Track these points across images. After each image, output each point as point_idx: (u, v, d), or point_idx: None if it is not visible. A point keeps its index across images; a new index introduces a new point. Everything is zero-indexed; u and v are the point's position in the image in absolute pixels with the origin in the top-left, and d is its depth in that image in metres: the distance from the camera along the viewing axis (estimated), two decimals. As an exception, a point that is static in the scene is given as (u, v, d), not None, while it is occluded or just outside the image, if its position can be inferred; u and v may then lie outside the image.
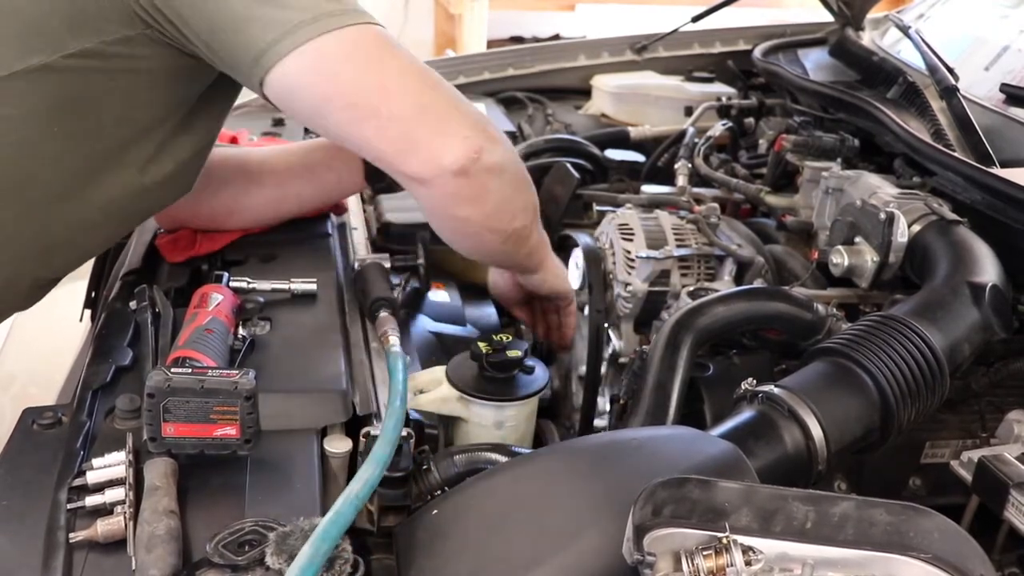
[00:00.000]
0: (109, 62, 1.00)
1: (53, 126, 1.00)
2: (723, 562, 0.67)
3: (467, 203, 1.05)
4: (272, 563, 0.73)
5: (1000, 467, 0.97)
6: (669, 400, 1.08)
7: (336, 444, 0.95)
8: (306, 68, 0.97)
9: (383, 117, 0.99)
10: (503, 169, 1.05)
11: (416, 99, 1.00)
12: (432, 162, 0.99)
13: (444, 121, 1.01)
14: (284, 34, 0.96)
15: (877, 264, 1.24)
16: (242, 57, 0.98)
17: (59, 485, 0.87)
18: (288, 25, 0.96)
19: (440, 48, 4.70)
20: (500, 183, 1.05)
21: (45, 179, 1.03)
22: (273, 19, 0.96)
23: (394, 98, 0.99)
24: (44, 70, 0.97)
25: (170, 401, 0.87)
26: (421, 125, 1.00)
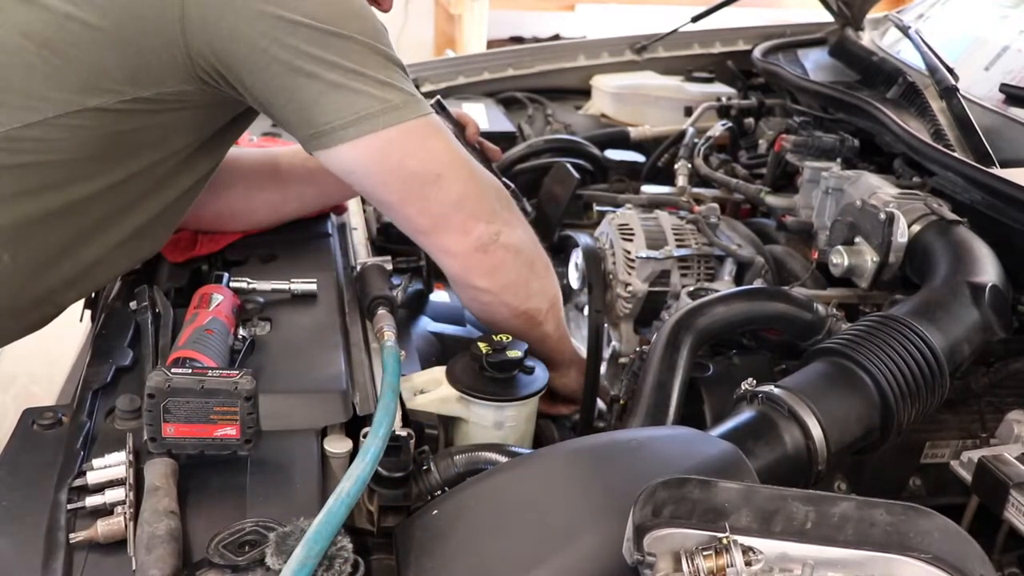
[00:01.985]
0: (160, 105, 1.04)
1: (98, 155, 1.04)
2: (723, 562, 0.67)
3: (483, 275, 1.16)
4: (272, 563, 0.73)
5: (1000, 467, 0.97)
6: (669, 400, 1.08)
7: (336, 444, 0.95)
8: (367, 156, 1.06)
9: (429, 201, 1.11)
10: (520, 249, 1.18)
11: (461, 189, 1.12)
12: (461, 239, 1.13)
13: (478, 206, 1.13)
14: (349, 123, 1.03)
15: (877, 264, 1.24)
16: (301, 129, 1.06)
17: (59, 485, 0.87)
18: (353, 116, 1.03)
19: (440, 48, 4.70)
20: (516, 262, 1.17)
21: (89, 206, 1.07)
22: (340, 106, 1.02)
23: (444, 188, 1.10)
24: (98, 111, 1.01)
25: (170, 401, 0.87)
26: (459, 211, 1.12)
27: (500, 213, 1.16)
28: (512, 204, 1.21)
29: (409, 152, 1.08)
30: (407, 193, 1.11)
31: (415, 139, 1.08)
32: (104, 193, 1.07)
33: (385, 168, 1.08)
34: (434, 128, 1.11)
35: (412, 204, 1.12)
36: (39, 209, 1.03)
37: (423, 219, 1.13)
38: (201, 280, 1.24)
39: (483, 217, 1.13)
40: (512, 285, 1.19)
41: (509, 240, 1.15)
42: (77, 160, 1.03)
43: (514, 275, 1.18)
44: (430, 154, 1.10)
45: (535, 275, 1.22)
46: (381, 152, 1.06)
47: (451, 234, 1.13)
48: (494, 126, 1.99)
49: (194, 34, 0.99)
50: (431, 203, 1.11)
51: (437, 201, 1.11)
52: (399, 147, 1.07)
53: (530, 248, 1.21)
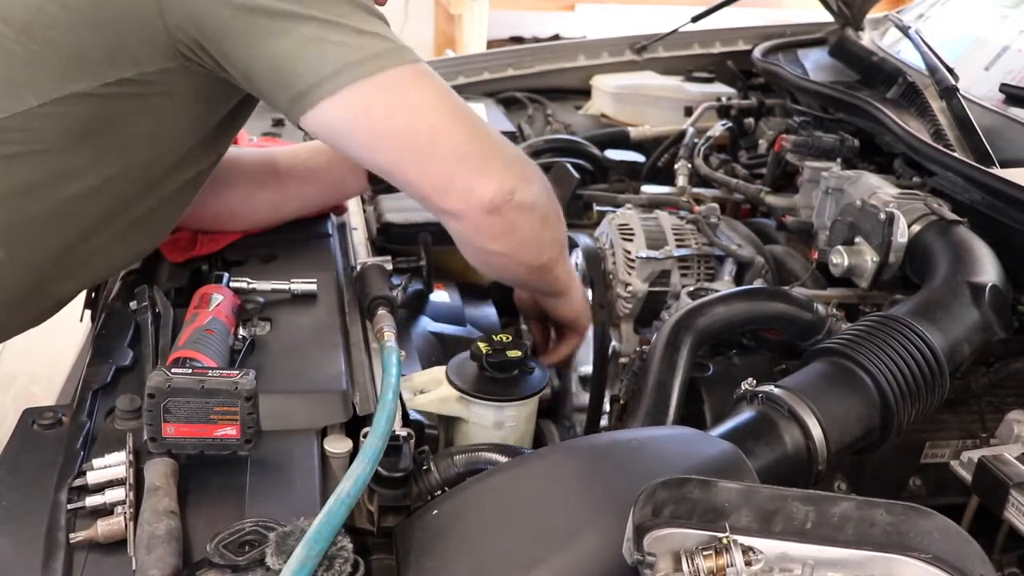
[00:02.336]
0: (145, 88, 1.01)
1: (85, 146, 1.02)
2: (723, 562, 0.67)
3: (496, 238, 1.08)
4: (272, 563, 0.73)
5: (1000, 467, 0.97)
6: (669, 400, 1.08)
7: (336, 444, 0.95)
8: (349, 113, 0.99)
9: (427, 159, 1.02)
10: (534, 207, 1.08)
11: (460, 142, 1.03)
12: (467, 200, 1.03)
13: (483, 163, 1.04)
14: (326, 77, 0.97)
15: (877, 264, 1.24)
16: (280, 95, 1.00)
17: (59, 485, 0.87)
18: (330, 69, 0.97)
19: (440, 48, 4.70)
20: (530, 220, 1.09)
21: (85, 201, 1.05)
22: (318, 60, 0.97)
23: (440, 142, 1.02)
24: (82, 97, 0.99)
25: (170, 401, 0.87)
26: (462, 167, 1.03)
27: (512, 167, 1.06)
28: (524, 156, 1.14)
29: (396, 104, 1.00)
30: (401, 153, 1.02)
31: (401, 89, 1.00)
32: (99, 188, 1.05)
33: (371, 125, 1.00)
34: (423, 75, 1.02)
35: (409, 165, 1.03)
36: (35, 205, 1.02)
37: (424, 182, 1.04)
38: (201, 280, 1.24)
39: (493, 174, 1.04)
40: (527, 243, 1.12)
41: (524, 198, 1.06)
42: (66, 151, 1.01)
43: (529, 234, 1.10)
44: (421, 105, 1.01)
45: (549, 228, 1.15)
46: (364, 106, 0.99)
47: (456, 196, 1.03)
48: (494, 126, 1.99)
49: (171, 7, 0.96)
50: (429, 162, 1.02)
51: (437, 159, 1.02)
52: (383, 99, 0.99)
53: (545, 202, 1.13)
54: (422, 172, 1.03)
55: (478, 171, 1.03)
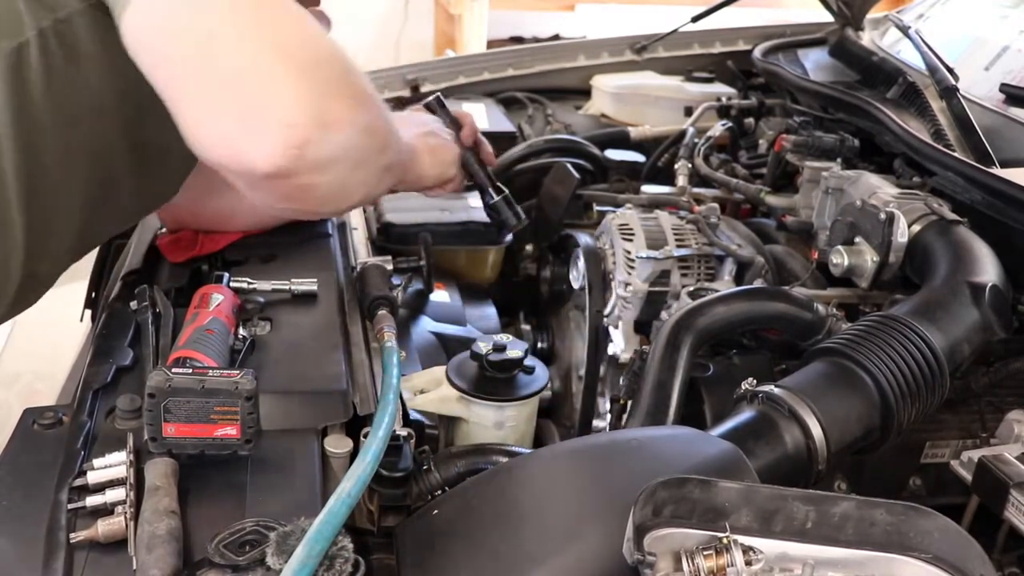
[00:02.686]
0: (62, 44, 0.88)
1: (45, 116, 0.90)
2: (723, 562, 0.67)
3: (285, 199, 0.86)
4: (273, 563, 0.74)
5: (1000, 467, 0.98)
6: (669, 400, 1.08)
7: (336, 444, 0.95)
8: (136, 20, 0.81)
9: (194, 82, 0.79)
10: (339, 159, 0.83)
11: (237, 61, 0.77)
12: (236, 160, 0.79)
13: (263, 96, 0.77)
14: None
15: (877, 264, 1.24)
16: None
17: (60, 485, 0.87)
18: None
19: (440, 48, 4.70)
20: (332, 174, 0.84)
21: (60, 178, 0.95)
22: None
23: (216, 58, 0.77)
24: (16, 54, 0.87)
25: (171, 401, 0.87)
26: (233, 103, 0.78)
27: (312, 103, 0.79)
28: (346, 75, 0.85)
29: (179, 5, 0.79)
30: (171, 71, 0.80)
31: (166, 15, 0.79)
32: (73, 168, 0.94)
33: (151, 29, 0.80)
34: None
35: (173, 90, 0.80)
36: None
37: (183, 116, 0.79)
38: (201, 280, 1.24)
39: (275, 116, 0.77)
40: (329, 196, 0.87)
41: (319, 153, 0.80)
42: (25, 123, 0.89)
43: (332, 186, 0.85)
44: (208, 6, 0.78)
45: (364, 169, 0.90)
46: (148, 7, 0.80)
47: (221, 151, 0.79)
48: (494, 126, 1.99)
49: None
50: (199, 85, 0.78)
51: (206, 82, 0.78)
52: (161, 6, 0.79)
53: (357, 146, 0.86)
54: (183, 101, 0.80)
55: (256, 105, 0.78)
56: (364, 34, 4.80)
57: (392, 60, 3.05)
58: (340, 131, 0.82)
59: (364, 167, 0.89)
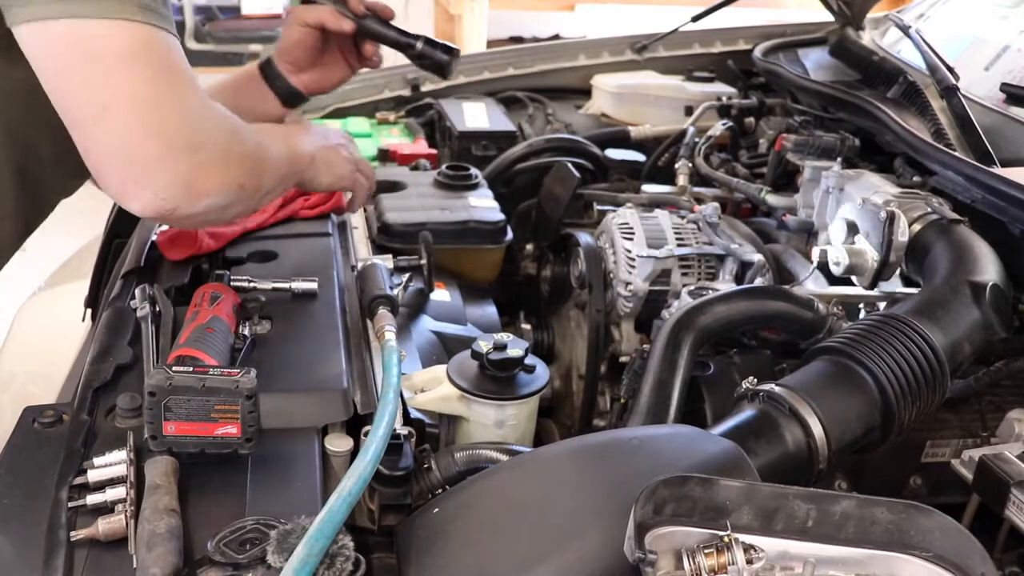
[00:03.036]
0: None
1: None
2: (724, 560, 0.67)
3: (171, 223, 1.04)
4: (273, 561, 0.73)
5: (1001, 466, 0.97)
6: (670, 399, 1.08)
7: (337, 443, 0.95)
8: (37, 47, 0.88)
9: (90, 137, 0.90)
10: (210, 210, 0.96)
11: (127, 133, 0.88)
12: (122, 199, 0.93)
13: (144, 169, 0.90)
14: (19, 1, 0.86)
15: (878, 263, 1.24)
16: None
17: (60, 484, 0.87)
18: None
19: (440, 48, 4.70)
20: (205, 217, 0.98)
21: None
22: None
23: (103, 123, 0.88)
24: None
25: (171, 400, 0.87)
26: (120, 162, 0.90)
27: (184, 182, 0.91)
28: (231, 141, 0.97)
29: (77, 61, 0.86)
30: (70, 113, 0.90)
31: (90, 44, 0.86)
32: None
33: (52, 68, 0.88)
34: (137, 46, 0.88)
35: (75, 130, 0.90)
36: None
37: (86, 154, 0.91)
38: (202, 278, 1.24)
39: (151, 187, 0.90)
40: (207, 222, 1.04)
41: (191, 211, 0.93)
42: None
43: (206, 218, 0.99)
44: (102, 71, 0.86)
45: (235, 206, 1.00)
46: (48, 45, 0.87)
47: (113, 189, 0.92)
48: (494, 125, 1.99)
49: None
50: (91, 141, 0.90)
51: (97, 142, 0.89)
52: (66, 52, 0.86)
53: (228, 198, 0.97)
54: (84, 146, 0.91)
55: (134, 175, 0.90)
56: (364, 34, 4.79)
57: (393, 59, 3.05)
58: (207, 197, 0.95)
59: (237, 205, 1.01)
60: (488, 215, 1.57)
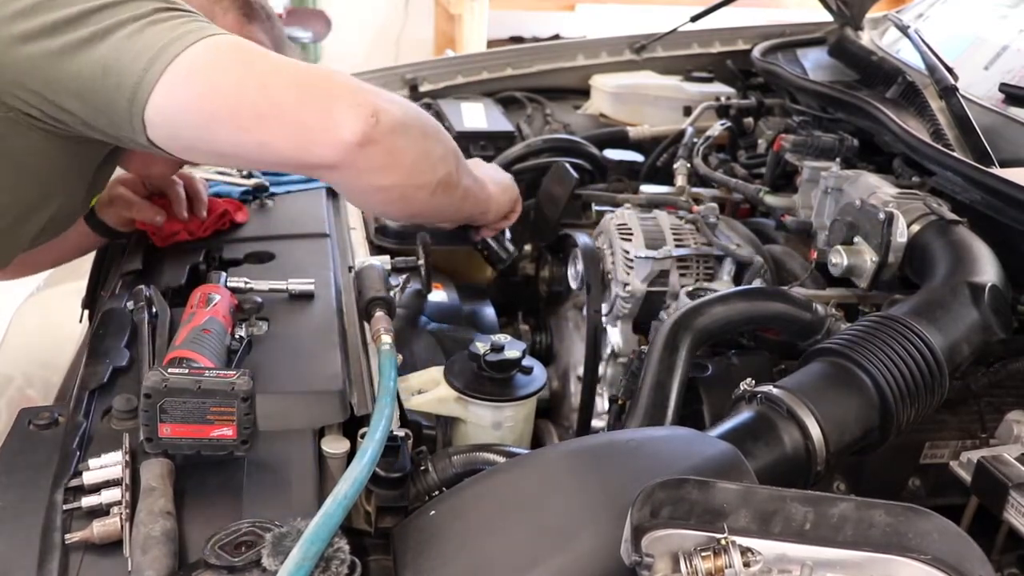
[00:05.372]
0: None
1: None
2: (721, 563, 0.67)
3: (384, 169, 1.01)
4: (269, 564, 0.73)
5: (999, 468, 0.97)
6: (667, 400, 1.07)
7: (333, 444, 0.95)
8: (181, 87, 0.95)
9: (269, 115, 0.95)
10: (407, 125, 1.02)
11: (294, 85, 0.97)
12: (333, 143, 0.96)
13: (329, 97, 0.97)
14: (151, 60, 0.94)
15: (876, 264, 1.24)
16: (119, 103, 0.95)
17: (55, 486, 0.87)
18: (153, 50, 0.94)
19: (440, 48, 4.70)
20: (408, 139, 1.02)
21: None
22: (138, 51, 0.94)
23: (273, 90, 0.96)
24: None
25: (167, 402, 0.87)
26: (308, 109, 0.96)
27: (361, 93, 0.98)
28: (371, 86, 1.03)
29: (220, 66, 0.96)
30: (241, 117, 0.96)
31: (224, 53, 0.96)
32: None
33: (202, 94, 0.95)
34: (245, 43, 0.99)
35: (253, 132, 0.96)
36: None
37: (279, 144, 0.96)
38: (199, 279, 1.24)
39: (346, 106, 0.96)
40: (418, 163, 1.04)
41: (391, 117, 0.98)
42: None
43: (415, 152, 1.04)
44: (246, 63, 0.97)
45: (431, 141, 1.07)
46: (190, 77, 0.94)
47: (319, 142, 0.96)
48: (493, 125, 1.99)
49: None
50: (274, 120, 0.95)
51: (279, 114, 0.96)
52: (207, 65, 0.95)
53: (416, 115, 1.06)
54: (270, 134, 0.96)
55: (328, 110, 0.96)
56: (364, 34, 4.80)
57: (392, 60, 3.06)
58: (395, 103, 1.01)
59: (431, 136, 1.07)
60: (486, 216, 1.56)
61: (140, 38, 0.95)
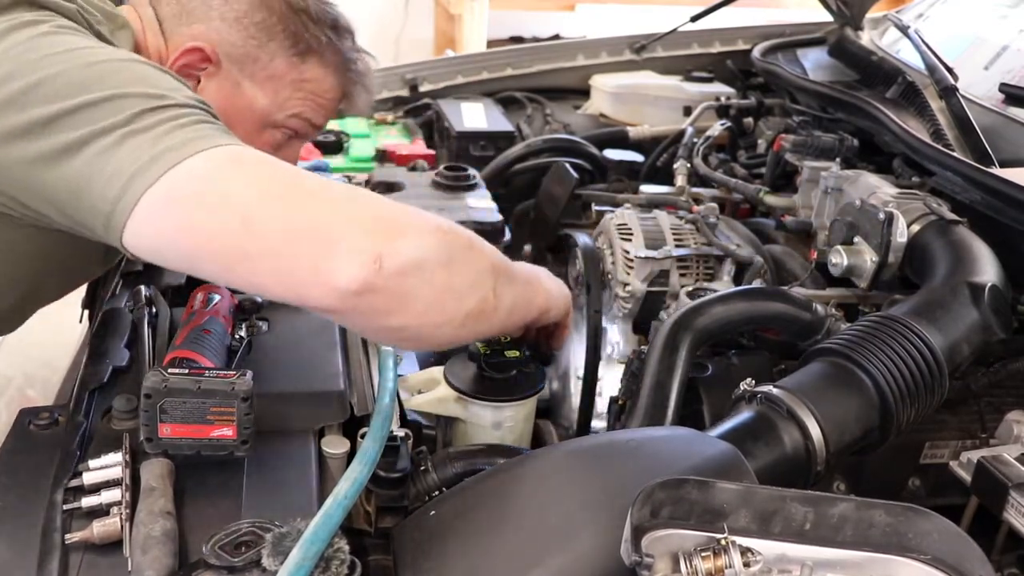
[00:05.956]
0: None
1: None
2: (721, 563, 0.67)
3: (390, 314, 0.85)
4: (269, 564, 0.73)
5: (999, 468, 0.97)
6: (668, 401, 1.07)
7: (333, 445, 0.95)
8: (158, 219, 0.84)
9: (255, 256, 0.83)
10: (421, 262, 0.84)
11: (283, 223, 0.83)
12: (326, 291, 0.82)
13: (324, 240, 0.82)
14: (123, 188, 0.83)
15: (876, 264, 1.24)
16: (95, 225, 0.86)
17: (55, 486, 0.87)
18: (125, 176, 0.83)
19: (440, 48, 4.70)
20: (422, 278, 0.85)
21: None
22: (110, 175, 0.83)
23: (259, 229, 0.82)
24: None
25: (167, 402, 0.87)
26: (297, 253, 0.82)
27: (369, 226, 0.83)
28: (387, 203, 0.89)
29: (196, 202, 0.83)
30: (224, 259, 0.84)
31: (203, 183, 0.83)
32: None
33: (179, 235, 0.83)
34: (232, 161, 0.85)
35: (241, 269, 0.84)
36: None
37: (269, 282, 0.84)
38: (199, 279, 1.24)
39: (343, 247, 0.81)
40: (436, 301, 0.87)
41: (400, 259, 0.82)
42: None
43: (431, 289, 0.86)
44: (227, 195, 0.83)
45: (458, 266, 0.88)
46: (163, 216, 0.83)
47: (311, 288, 0.82)
48: (493, 126, 1.99)
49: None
50: (260, 259, 0.82)
51: (262, 253, 0.82)
52: (181, 201, 0.83)
53: (436, 246, 0.86)
54: (258, 276, 0.84)
55: (320, 255, 0.82)
56: (364, 34, 4.79)
57: (392, 59, 3.05)
58: (409, 235, 0.85)
59: (457, 264, 0.88)
60: (486, 216, 1.56)
61: (114, 157, 0.84)
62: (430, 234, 0.87)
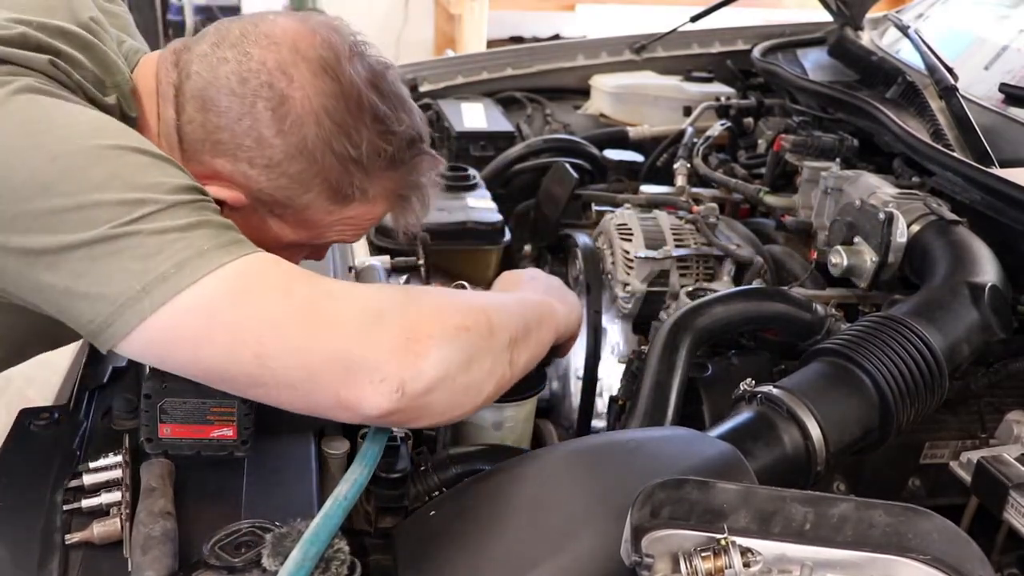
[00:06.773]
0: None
1: None
2: (721, 564, 0.67)
3: (412, 422, 0.86)
4: (269, 564, 0.73)
5: (999, 468, 0.97)
6: (668, 401, 1.07)
7: (334, 445, 0.95)
8: (156, 352, 0.80)
9: (271, 385, 0.80)
10: (444, 376, 0.82)
11: (299, 356, 0.79)
12: (351, 415, 0.82)
13: (342, 369, 0.79)
14: (111, 316, 0.77)
15: (876, 264, 1.24)
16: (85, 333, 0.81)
17: (55, 486, 0.87)
18: (111, 304, 0.76)
19: (440, 48, 4.70)
20: (445, 388, 0.83)
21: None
22: (94, 297, 0.77)
23: (272, 364, 0.78)
24: None
25: (167, 402, 0.87)
26: (316, 386, 0.80)
27: (392, 352, 0.80)
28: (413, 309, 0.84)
29: (197, 339, 0.78)
30: (236, 385, 0.82)
31: (208, 317, 0.77)
32: None
33: (183, 363, 0.80)
34: (242, 283, 0.79)
35: (256, 392, 0.82)
36: None
37: (291, 404, 0.82)
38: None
39: (367, 378, 0.79)
40: (457, 400, 0.85)
41: (422, 383, 0.80)
42: None
43: (453, 393, 0.84)
44: (237, 328, 0.78)
45: (479, 363, 0.86)
46: (163, 347, 0.78)
47: (336, 412, 0.83)
48: (493, 126, 1.99)
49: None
50: (274, 389, 0.80)
51: (281, 384, 0.79)
52: (181, 335, 0.78)
53: (456, 352, 0.83)
54: (273, 398, 0.82)
55: (342, 382, 0.79)
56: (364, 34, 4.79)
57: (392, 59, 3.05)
58: (429, 356, 0.81)
59: (479, 359, 0.87)
60: (486, 216, 1.56)
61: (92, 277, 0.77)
62: (452, 341, 0.83)
